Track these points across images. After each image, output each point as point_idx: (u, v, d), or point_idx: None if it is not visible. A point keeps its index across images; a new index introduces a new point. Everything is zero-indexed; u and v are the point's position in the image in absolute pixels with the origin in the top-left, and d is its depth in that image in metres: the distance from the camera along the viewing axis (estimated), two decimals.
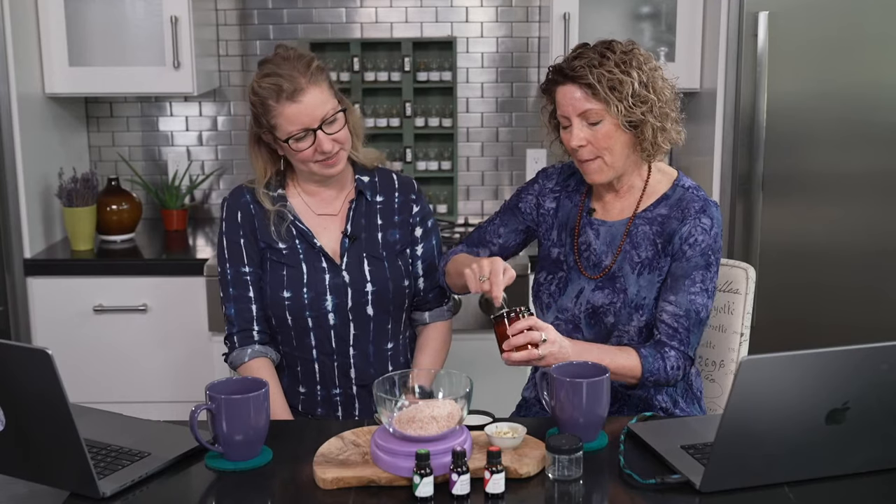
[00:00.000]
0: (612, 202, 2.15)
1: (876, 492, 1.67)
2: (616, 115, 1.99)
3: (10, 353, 1.58)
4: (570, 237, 2.16)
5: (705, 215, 2.05)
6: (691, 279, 2.03)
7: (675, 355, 2.02)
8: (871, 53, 3.01)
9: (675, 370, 2.02)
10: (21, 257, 3.16)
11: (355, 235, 2.26)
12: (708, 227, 2.04)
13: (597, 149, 2.03)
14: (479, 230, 2.31)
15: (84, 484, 1.63)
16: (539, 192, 2.23)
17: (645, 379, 2.00)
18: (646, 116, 2.00)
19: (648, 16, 3.38)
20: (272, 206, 2.22)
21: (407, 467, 1.65)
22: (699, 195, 2.09)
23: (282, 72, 2.10)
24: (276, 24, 3.60)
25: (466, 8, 3.59)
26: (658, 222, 2.08)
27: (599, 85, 1.98)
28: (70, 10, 3.25)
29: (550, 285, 2.17)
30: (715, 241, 2.05)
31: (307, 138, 2.13)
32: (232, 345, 2.24)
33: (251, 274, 2.24)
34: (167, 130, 3.68)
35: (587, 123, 2.02)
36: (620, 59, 2.00)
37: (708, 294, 2.04)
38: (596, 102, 1.99)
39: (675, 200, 2.09)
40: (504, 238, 2.26)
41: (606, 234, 2.12)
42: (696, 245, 2.04)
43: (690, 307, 2.02)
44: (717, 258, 2.06)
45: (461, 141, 3.67)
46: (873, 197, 3.09)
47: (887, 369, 1.61)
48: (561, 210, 2.20)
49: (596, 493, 1.69)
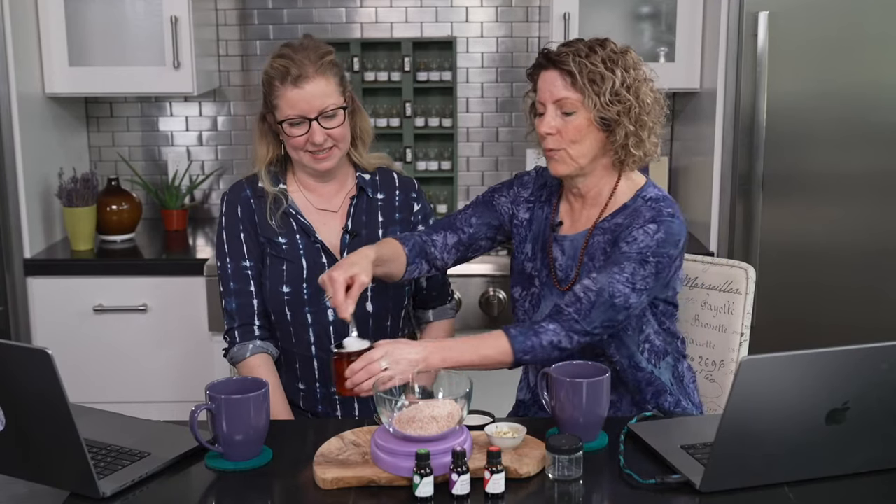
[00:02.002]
0: (579, 211, 2.11)
1: (876, 492, 1.67)
2: (590, 109, 1.97)
3: (10, 353, 1.58)
4: (543, 252, 2.14)
5: (653, 222, 1.98)
6: (620, 267, 1.95)
7: (556, 329, 1.93)
8: (871, 53, 3.01)
9: (551, 346, 1.92)
10: (21, 257, 3.16)
11: (356, 231, 2.26)
12: (652, 232, 1.96)
13: (564, 140, 2.00)
14: (447, 217, 2.25)
15: (84, 484, 1.63)
16: (514, 199, 2.20)
17: (519, 359, 1.92)
18: (621, 118, 1.98)
19: (648, 16, 3.38)
20: (272, 188, 2.23)
21: (407, 467, 1.65)
22: (656, 206, 2.01)
23: (294, 56, 2.14)
24: (276, 24, 3.60)
25: (466, 8, 3.60)
26: (611, 231, 2.04)
27: (580, 75, 1.96)
28: (70, 10, 3.25)
29: (525, 302, 2.15)
30: (658, 245, 1.95)
31: (302, 126, 2.15)
32: (232, 340, 2.24)
33: (252, 268, 2.24)
34: (167, 130, 3.68)
35: (561, 112, 2.00)
36: (608, 56, 1.99)
37: (634, 289, 1.94)
38: (573, 92, 1.98)
39: (632, 211, 2.03)
40: (475, 228, 2.19)
41: (570, 247, 2.10)
42: (634, 242, 1.97)
43: (606, 287, 1.93)
44: (656, 261, 1.95)
45: (461, 141, 3.67)
46: (873, 197, 3.09)
47: (887, 369, 1.61)
48: (534, 222, 2.17)
49: (596, 493, 1.69)
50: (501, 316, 3.03)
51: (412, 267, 2.14)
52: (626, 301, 1.95)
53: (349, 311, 1.89)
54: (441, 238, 2.18)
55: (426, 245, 2.17)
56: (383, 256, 2.05)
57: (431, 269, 2.19)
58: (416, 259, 2.15)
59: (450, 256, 2.19)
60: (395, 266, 2.10)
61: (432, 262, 2.18)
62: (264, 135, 2.26)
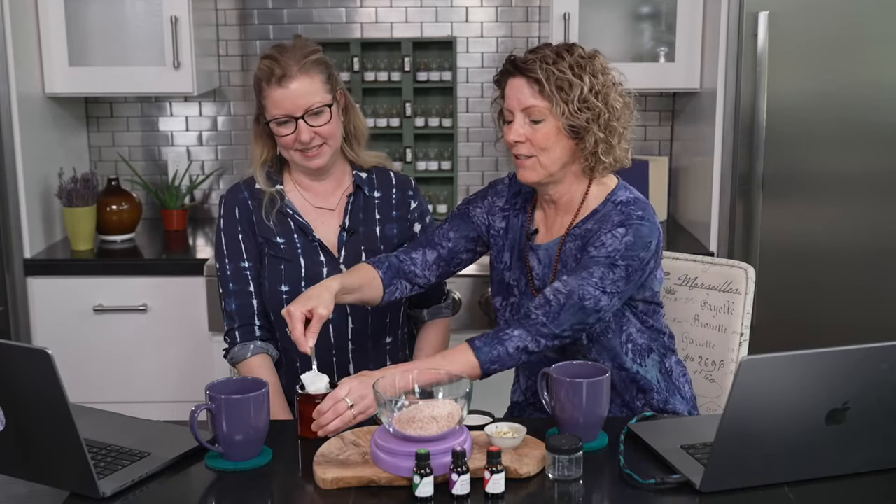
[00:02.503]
0: (552, 218, 2.10)
1: (876, 492, 1.67)
2: (559, 117, 1.95)
3: (10, 353, 1.58)
4: (520, 260, 2.13)
5: (622, 226, 1.96)
6: (589, 272, 1.93)
7: (521, 335, 1.91)
8: (871, 53, 3.01)
9: (519, 351, 1.91)
10: (21, 257, 3.16)
11: (353, 229, 2.27)
12: (620, 235, 1.95)
13: (534, 147, 1.98)
14: (424, 234, 2.24)
15: (84, 484, 1.63)
16: (489, 209, 2.18)
17: (487, 370, 1.91)
18: (590, 125, 1.96)
19: (648, 16, 3.38)
20: (269, 188, 2.24)
21: (407, 467, 1.65)
22: (626, 210, 1.99)
23: (279, 57, 2.16)
24: (276, 24, 3.60)
25: (466, 8, 3.60)
26: (581, 237, 2.03)
27: (547, 82, 1.94)
28: (70, 10, 3.25)
29: (506, 311, 2.14)
30: (626, 248, 1.94)
31: (289, 125, 2.16)
32: (233, 340, 2.24)
33: (251, 269, 2.25)
34: (167, 130, 3.68)
35: (529, 120, 1.98)
36: (576, 62, 1.96)
37: (604, 292, 1.92)
38: (541, 99, 1.96)
39: (602, 216, 2.02)
40: (453, 243, 2.17)
41: (545, 255, 2.09)
42: (602, 247, 1.95)
43: (576, 290, 1.92)
44: (626, 264, 1.94)
45: (461, 141, 3.67)
46: (873, 197, 3.09)
47: (887, 369, 1.61)
48: (510, 231, 2.15)
49: (596, 493, 1.69)
50: None
51: (391, 289, 2.12)
52: (596, 304, 1.93)
53: (309, 344, 1.89)
54: (420, 255, 2.16)
55: (403, 265, 2.14)
56: (351, 285, 2.04)
57: (414, 288, 2.17)
58: (394, 280, 2.12)
59: (431, 273, 2.17)
60: (370, 291, 2.09)
61: (412, 280, 2.15)
62: (260, 136, 2.27)
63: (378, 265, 2.13)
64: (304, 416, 1.87)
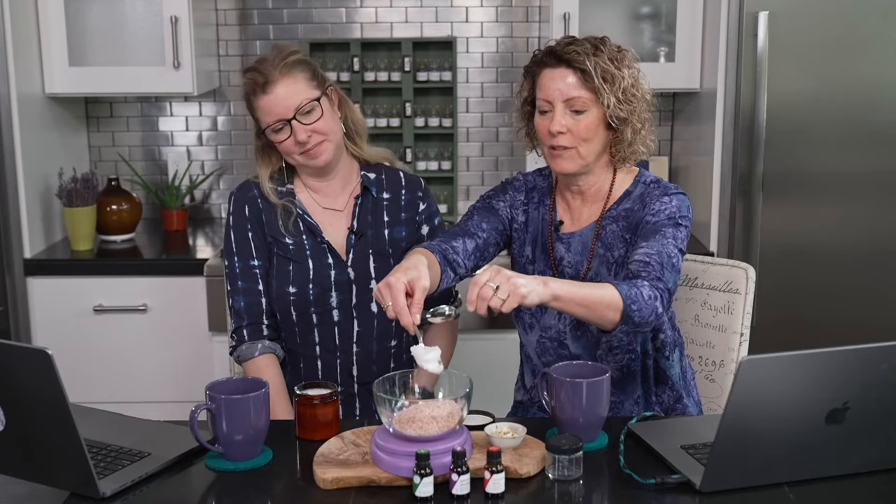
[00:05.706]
0: (579, 209, 2.11)
1: (876, 492, 1.67)
2: (604, 108, 1.97)
3: (10, 353, 1.58)
4: (545, 253, 2.12)
5: (665, 195, 2.02)
6: (661, 234, 1.96)
7: (650, 285, 1.88)
8: (871, 53, 3.01)
9: (652, 300, 1.86)
10: (21, 257, 3.16)
11: (361, 232, 2.27)
12: (668, 202, 2.00)
13: (575, 138, 1.99)
14: (458, 225, 2.16)
15: (84, 484, 1.63)
16: (511, 203, 2.17)
17: (627, 307, 1.82)
18: (630, 117, 1.99)
19: (648, 16, 3.38)
20: (278, 201, 2.24)
21: (407, 467, 1.65)
22: (660, 185, 2.05)
23: (259, 67, 2.17)
24: (276, 24, 3.60)
25: (466, 8, 3.60)
26: (623, 217, 2.05)
27: (594, 72, 1.95)
28: (70, 10, 3.25)
29: (528, 308, 2.11)
30: (679, 210, 1.99)
31: (284, 130, 2.16)
32: (240, 338, 2.24)
33: (260, 267, 2.25)
34: (167, 130, 3.69)
35: (571, 111, 1.98)
36: (613, 56, 1.99)
37: (680, 250, 1.96)
38: (586, 91, 1.97)
39: (638, 195, 2.06)
40: (487, 234, 2.12)
41: (578, 243, 2.09)
42: (660, 213, 1.99)
43: (662, 250, 1.93)
44: (685, 225, 2.00)
45: (461, 141, 3.67)
46: (873, 197, 3.09)
47: (887, 369, 1.61)
48: (531, 224, 2.15)
49: (596, 493, 1.69)
50: (502, 316, 3.03)
51: (444, 276, 2.01)
52: (679, 262, 1.97)
53: (415, 319, 1.74)
54: (461, 244, 2.09)
55: (447, 253, 2.05)
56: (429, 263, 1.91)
57: (455, 278, 2.08)
58: (446, 268, 2.04)
59: (470, 262, 2.10)
60: (433, 275, 1.92)
61: (455, 269, 2.07)
62: (262, 151, 2.27)
63: (432, 250, 2.02)
64: (303, 417, 1.87)
